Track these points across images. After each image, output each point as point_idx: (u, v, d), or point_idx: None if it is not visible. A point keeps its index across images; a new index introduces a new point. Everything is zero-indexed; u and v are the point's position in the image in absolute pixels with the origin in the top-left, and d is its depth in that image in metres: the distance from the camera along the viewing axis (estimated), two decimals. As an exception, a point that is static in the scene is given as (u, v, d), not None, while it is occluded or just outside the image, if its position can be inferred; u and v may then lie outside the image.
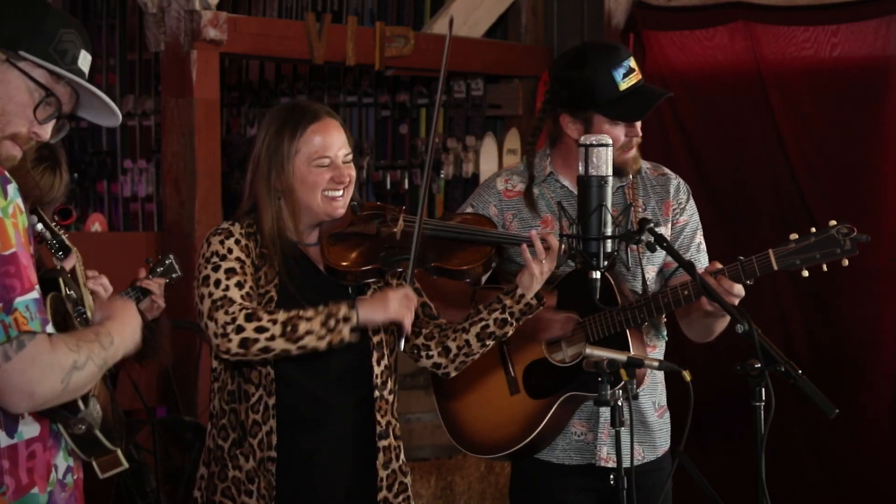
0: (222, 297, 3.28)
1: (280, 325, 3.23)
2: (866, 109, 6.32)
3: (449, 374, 3.55)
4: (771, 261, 3.57)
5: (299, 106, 3.44)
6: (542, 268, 3.42)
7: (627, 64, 3.68)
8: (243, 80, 8.38)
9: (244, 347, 3.23)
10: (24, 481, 2.47)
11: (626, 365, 3.16)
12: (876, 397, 6.27)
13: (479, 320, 3.47)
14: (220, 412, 3.41)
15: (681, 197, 3.86)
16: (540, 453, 3.78)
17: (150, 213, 8.21)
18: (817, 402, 3.16)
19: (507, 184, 3.86)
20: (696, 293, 3.58)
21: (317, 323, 3.24)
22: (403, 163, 7.91)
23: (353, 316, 3.26)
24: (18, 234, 2.41)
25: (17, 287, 2.38)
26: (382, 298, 3.31)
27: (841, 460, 6.37)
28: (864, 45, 6.34)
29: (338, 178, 3.36)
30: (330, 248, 3.39)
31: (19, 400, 2.38)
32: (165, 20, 5.91)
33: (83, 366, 2.44)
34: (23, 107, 2.54)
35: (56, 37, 2.55)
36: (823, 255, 3.59)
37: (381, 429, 3.45)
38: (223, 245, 3.36)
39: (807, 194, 6.43)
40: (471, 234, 3.47)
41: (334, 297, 3.36)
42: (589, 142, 3.25)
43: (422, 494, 6.06)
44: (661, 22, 6.79)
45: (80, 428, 2.52)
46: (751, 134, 6.57)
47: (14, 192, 2.44)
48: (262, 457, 3.34)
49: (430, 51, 6.88)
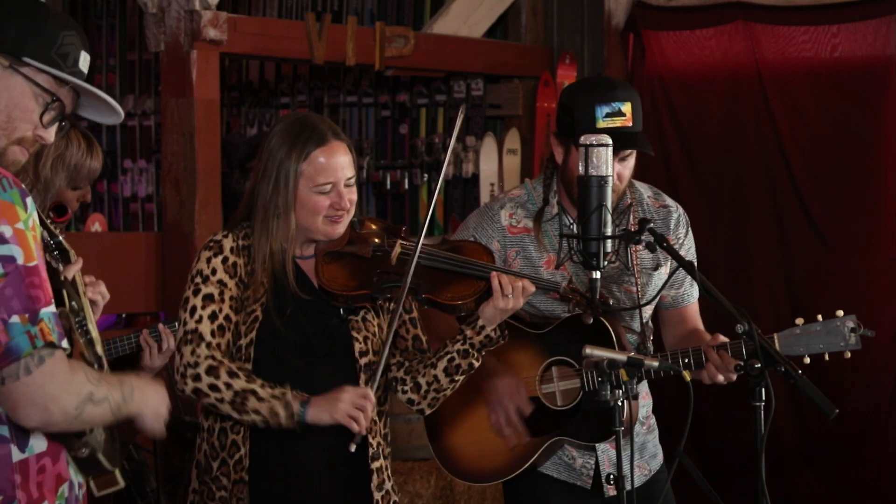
0: (193, 330, 3.29)
1: (232, 393, 3.24)
2: (866, 109, 6.32)
3: (423, 410, 3.52)
4: (774, 343, 3.57)
5: (308, 125, 3.37)
6: (506, 304, 3.36)
7: (617, 106, 3.62)
8: (243, 80, 8.38)
9: (196, 395, 3.28)
10: (34, 495, 2.48)
11: (627, 365, 3.16)
12: (873, 397, 6.27)
13: (445, 353, 3.43)
14: (210, 429, 3.40)
15: (679, 231, 3.85)
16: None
17: (150, 213, 8.21)
18: (817, 402, 3.16)
19: (511, 219, 3.81)
20: (697, 362, 3.59)
21: (265, 407, 3.23)
22: (403, 163, 7.91)
23: (298, 415, 3.22)
24: (38, 247, 2.43)
25: (41, 298, 2.40)
26: (334, 400, 3.25)
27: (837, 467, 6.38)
28: (864, 45, 6.34)
29: (337, 205, 3.33)
30: (324, 267, 3.37)
31: (34, 413, 2.39)
32: (165, 20, 5.91)
33: (100, 401, 2.45)
34: (29, 112, 2.55)
35: (58, 40, 2.55)
36: (827, 346, 3.60)
37: (373, 450, 3.40)
38: (209, 264, 3.34)
39: (805, 195, 6.43)
40: (466, 268, 3.42)
41: (324, 318, 3.35)
42: (589, 142, 3.24)
43: (422, 494, 6.06)
44: (661, 22, 6.80)
45: (84, 452, 2.53)
46: (749, 134, 6.57)
47: (32, 205, 2.46)
48: (236, 478, 3.33)
49: (430, 51, 6.87)
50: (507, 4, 7.39)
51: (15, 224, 2.39)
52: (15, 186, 2.43)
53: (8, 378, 2.36)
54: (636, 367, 3.16)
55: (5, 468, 2.45)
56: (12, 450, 2.45)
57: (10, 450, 2.45)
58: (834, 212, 6.39)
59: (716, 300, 3.36)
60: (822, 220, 6.41)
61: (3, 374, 2.36)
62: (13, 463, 2.45)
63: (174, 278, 5.86)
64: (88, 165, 3.85)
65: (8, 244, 2.38)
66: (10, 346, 2.36)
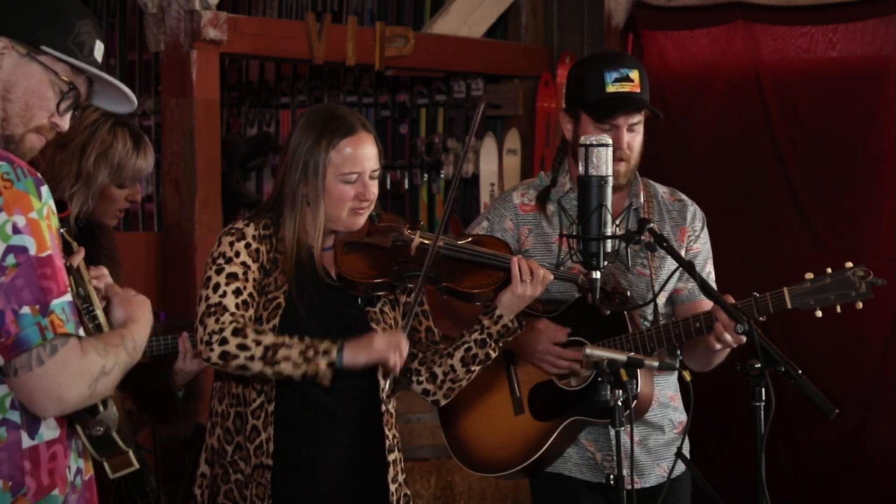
0: (217, 303, 3.29)
1: (262, 347, 3.24)
2: (864, 109, 6.32)
3: (438, 401, 3.54)
4: (785, 299, 3.56)
5: (338, 115, 3.41)
6: (525, 290, 3.40)
7: (625, 72, 3.66)
8: (243, 80, 8.38)
9: (224, 360, 3.25)
10: (45, 482, 2.48)
11: (627, 365, 3.16)
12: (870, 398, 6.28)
13: (462, 343, 3.46)
14: (224, 414, 3.40)
15: (696, 225, 3.85)
16: (551, 467, 3.76)
17: (150, 213, 8.20)
18: (817, 403, 3.16)
19: (523, 198, 3.83)
20: (708, 326, 3.57)
21: (298, 355, 3.24)
22: (403, 163, 7.91)
23: (333, 351, 3.25)
24: (52, 236, 2.44)
25: (53, 289, 2.40)
26: (368, 339, 3.29)
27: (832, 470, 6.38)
28: (863, 45, 6.34)
29: (362, 195, 3.36)
30: (344, 257, 3.39)
31: (49, 404, 2.40)
32: (165, 20, 5.91)
33: (110, 371, 2.46)
34: (46, 100, 2.56)
35: (75, 29, 2.57)
36: (838, 296, 3.57)
37: (390, 442, 3.44)
38: (232, 247, 3.35)
39: (800, 195, 6.43)
40: (485, 258, 3.45)
41: (343, 308, 3.38)
42: (589, 142, 3.25)
43: (422, 494, 6.06)
44: (661, 22, 6.80)
45: (99, 430, 2.52)
46: (746, 133, 6.57)
47: (47, 194, 2.46)
48: (256, 463, 3.34)
49: (430, 51, 6.88)
50: (507, 4, 7.39)
51: (28, 214, 2.40)
52: (30, 175, 2.44)
53: (21, 369, 2.36)
54: (636, 367, 3.17)
55: (15, 454, 2.44)
56: (22, 436, 2.45)
57: (20, 436, 2.45)
58: (830, 212, 6.40)
59: (715, 300, 3.36)
60: (819, 220, 6.41)
61: (16, 364, 2.36)
62: (23, 449, 2.45)
63: (174, 278, 5.86)
64: (133, 164, 3.82)
65: (21, 234, 2.38)
66: (20, 336, 2.36)
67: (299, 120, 3.43)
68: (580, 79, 3.72)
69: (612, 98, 3.65)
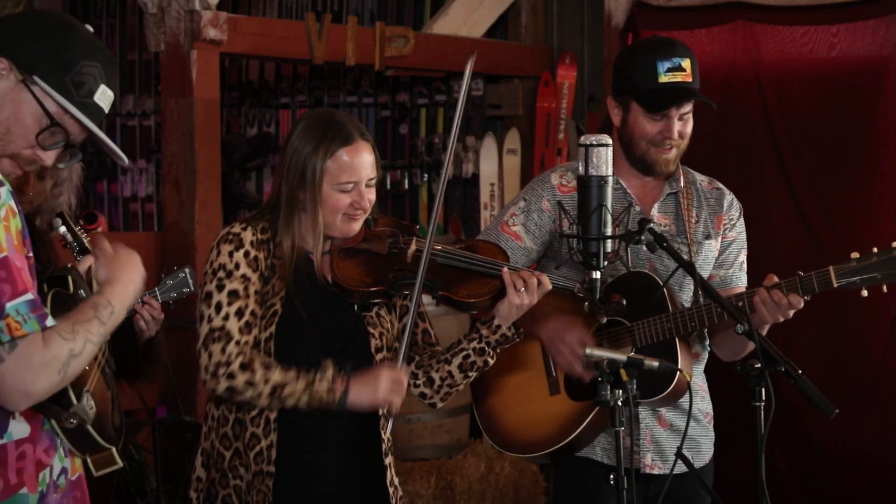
0: (220, 327, 3.28)
1: (270, 386, 3.26)
2: (864, 109, 6.32)
3: (435, 404, 3.55)
4: (831, 277, 3.52)
5: (336, 122, 3.39)
6: (521, 299, 3.38)
7: (678, 61, 3.65)
8: (243, 80, 8.38)
9: (229, 394, 3.27)
10: (12, 481, 2.47)
11: (627, 365, 3.16)
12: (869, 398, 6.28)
13: (459, 350, 3.47)
14: (222, 419, 3.39)
15: (732, 213, 3.85)
16: (581, 451, 3.73)
17: (150, 213, 8.21)
18: (817, 403, 3.16)
19: (562, 178, 3.80)
20: (751, 306, 3.54)
21: (305, 395, 3.27)
22: (403, 163, 7.91)
23: (338, 392, 3.27)
24: (10, 237, 2.42)
25: (7, 292, 2.38)
26: (373, 382, 3.29)
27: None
28: (863, 45, 6.34)
29: (357, 204, 3.36)
30: (340, 263, 3.38)
31: (17, 398, 2.40)
32: (165, 20, 5.91)
33: (80, 352, 2.45)
34: (26, 129, 2.55)
35: (75, 67, 2.55)
36: (885, 276, 3.53)
37: (386, 446, 3.44)
38: (231, 258, 3.33)
39: (800, 195, 6.42)
40: (481, 266, 3.44)
41: (340, 313, 3.38)
42: (589, 142, 3.25)
43: (422, 494, 6.07)
44: (661, 22, 6.80)
45: (72, 422, 2.52)
46: (746, 133, 6.57)
47: (7, 194, 2.45)
48: (257, 470, 3.33)
49: (430, 51, 6.88)
50: (507, 4, 7.39)
51: None
52: None
53: None
54: (636, 367, 3.17)
55: None
56: None
57: None
58: (830, 212, 6.39)
59: (715, 300, 3.36)
60: (818, 220, 6.41)
61: None
62: None
63: (174, 278, 5.85)
64: None
65: None
66: None
67: (298, 123, 3.43)
68: (631, 66, 3.69)
69: (665, 89, 3.64)
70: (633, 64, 3.69)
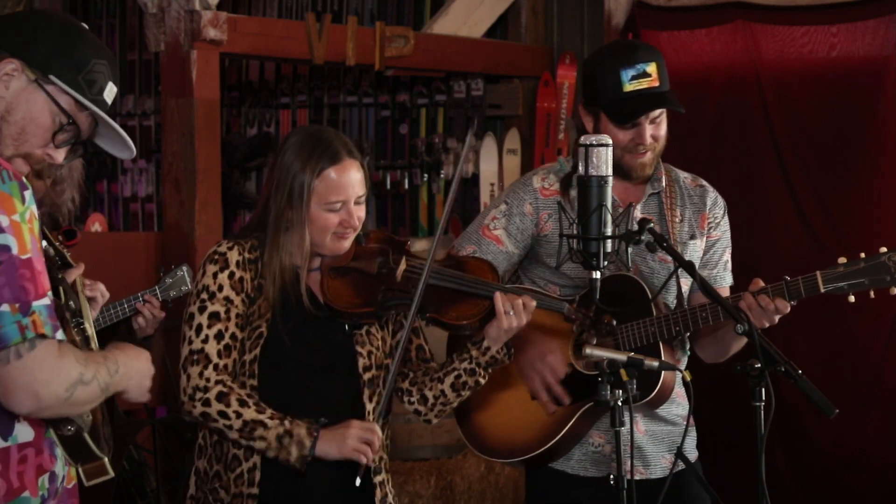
0: (199, 350, 3.27)
1: (242, 421, 3.23)
2: (863, 109, 6.32)
3: (430, 420, 3.53)
4: (818, 283, 3.51)
5: (324, 141, 3.35)
6: (510, 322, 3.36)
7: (642, 67, 3.61)
8: (243, 80, 8.39)
9: (204, 419, 3.26)
10: (14, 485, 2.48)
11: (626, 365, 3.15)
12: (869, 398, 6.28)
13: (451, 370, 3.45)
14: (208, 438, 3.38)
15: (716, 211, 3.83)
16: (555, 463, 3.72)
17: (150, 213, 8.21)
18: (817, 402, 3.15)
19: (543, 182, 3.77)
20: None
21: (274, 440, 3.23)
22: (403, 163, 7.91)
23: (307, 442, 3.22)
24: (34, 239, 2.45)
25: (31, 291, 2.41)
26: (342, 437, 3.25)
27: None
28: (863, 45, 6.34)
29: (346, 222, 3.32)
30: (329, 283, 3.36)
31: (25, 398, 2.40)
32: (165, 20, 5.92)
33: (89, 382, 2.46)
34: (43, 129, 2.58)
35: (87, 66, 2.60)
36: (872, 282, 3.51)
37: (376, 465, 3.38)
38: (215, 279, 3.31)
39: (800, 195, 6.42)
40: (470, 287, 3.40)
41: (329, 333, 3.35)
42: (589, 142, 3.24)
43: (422, 494, 6.06)
44: (661, 22, 6.80)
45: (69, 430, 2.53)
46: (745, 133, 6.57)
47: (30, 198, 2.47)
48: (236, 492, 3.31)
49: (430, 51, 6.88)
50: (507, 4, 7.39)
51: (11, 215, 2.41)
52: (14, 179, 2.45)
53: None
54: (636, 367, 3.16)
55: None
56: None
57: None
58: (829, 212, 6.39)
59: (715, 300, 3.35)
60: (818, 220, 6.41)
61: None
62: None
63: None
64: None
65: (4, 233, 2.39)
66: (0, 333, 2.37)
67: (288, 139, 3.39)
68: (596, 77, 3.66)
69: (630, 98, 3.60)
70: (598, 74, 3.65)
